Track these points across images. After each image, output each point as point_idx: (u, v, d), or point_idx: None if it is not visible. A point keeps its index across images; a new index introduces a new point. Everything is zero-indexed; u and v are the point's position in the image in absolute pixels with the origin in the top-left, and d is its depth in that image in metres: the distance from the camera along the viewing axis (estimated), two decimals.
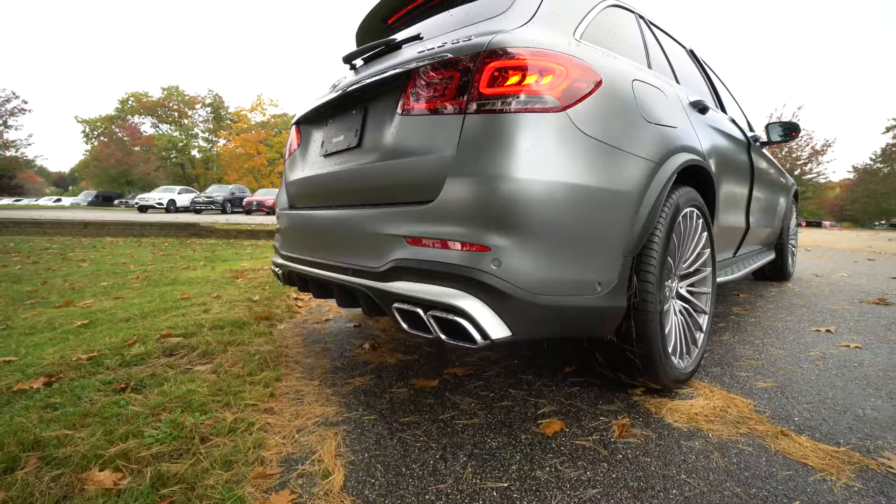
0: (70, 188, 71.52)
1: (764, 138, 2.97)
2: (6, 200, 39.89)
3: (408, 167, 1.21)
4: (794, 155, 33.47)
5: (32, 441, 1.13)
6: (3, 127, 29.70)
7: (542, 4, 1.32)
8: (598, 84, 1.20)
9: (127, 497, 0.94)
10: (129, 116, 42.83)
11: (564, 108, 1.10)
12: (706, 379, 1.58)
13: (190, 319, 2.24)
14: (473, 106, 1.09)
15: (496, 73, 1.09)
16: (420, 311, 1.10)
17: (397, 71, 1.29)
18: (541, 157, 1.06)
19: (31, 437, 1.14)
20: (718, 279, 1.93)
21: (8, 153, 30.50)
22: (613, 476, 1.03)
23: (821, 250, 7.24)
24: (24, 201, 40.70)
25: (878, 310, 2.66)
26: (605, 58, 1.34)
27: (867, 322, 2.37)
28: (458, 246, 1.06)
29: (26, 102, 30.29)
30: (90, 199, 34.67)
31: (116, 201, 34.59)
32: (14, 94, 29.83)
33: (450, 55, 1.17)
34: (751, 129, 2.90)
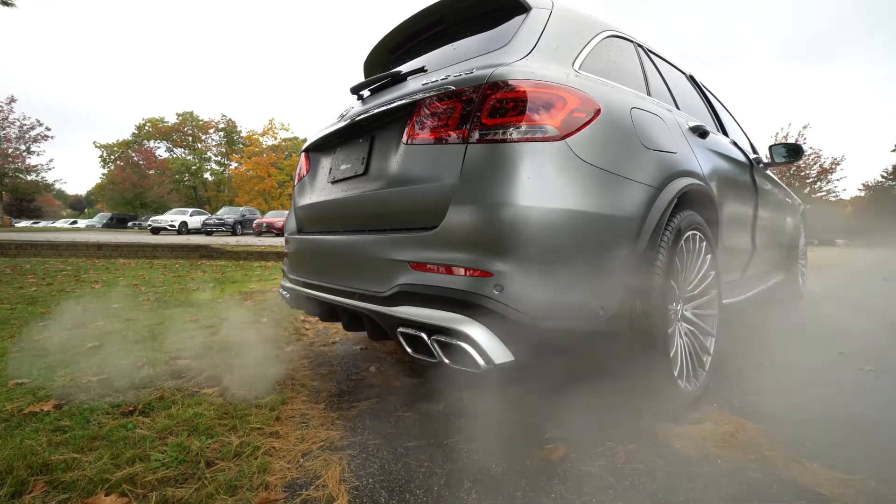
0: (86, 210, 73.35)
1: (768, 160, 2.98)
2: (25, 223, 40.95)
3: (412, 194, 1.25)
4: (802, 174, 33.27)
5: (41, 464, 1.14)
6: (26, 153, 30.74)
7: (542, 37, 1.38)
8: (597, 113, 1.24)
9: None
10: (146, 141, 44.23)
11: (564, 137, 1.14)
12: (715, 403, 1.56)
13: (198, 342, 2.27)
14: (476, 135, 1.14)
15: (497, 104, 1.14)
16: (424, 336, 1.11)
17: (403, 102, 1.34)
18: (541, 185, 1.09)
19: (40, 460, 1.15)
20: (725, 301, 1.91)
21: (29, 177, 31.47)
22: None
23: (833, 270, 7.12)
24: (42, 223, 41.77)
25: (893, 332, 2.60)
26: (604, 87, 1.38)
27: (881, 344, 2.32)
28: (462, 271, 1.08)
29: (49, 129, 31.41)
30: (105, 221, 35.47)
31: (130, 223, 35.27)
32: (38, 121, 30.96)
33: (453, 87, 1.22)
34: (754, 151, 2.92)
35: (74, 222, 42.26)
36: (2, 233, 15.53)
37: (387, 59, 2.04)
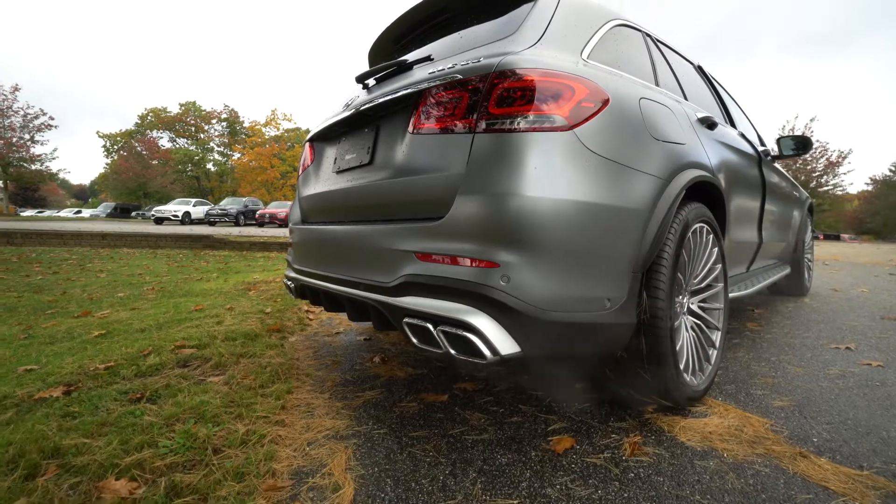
0: (90, 200, 73.65)
1: (775, 152, 2.95)
2: (30, 212, 41.17)
3: (418, 184, 1.24)
4: (809, 167, 32.89)
5: (52, 449, 1.16)
6: (30, 142, 30.81)
7: (550, 26, 1.36)
8: (606, 103, 1.22)
9: None
10: (148, 131, 44.23)
11: (572, 127, 1.12)
12: (720, 397, 1.56)
13: (203, 331, 2.28)
14: (483, 125, 1.12)
15: (505, 94, 1.12)
16: (430, 327, 1.11)
17: (409, 91, 1.32)
18: (549, 175, 1.08)
19: (51, 444, 1.17)
20: (732, 294, 1.91)
21: (34, 167, 31.59)
22: (625, 496, 1.01)
23: (839, 264, 7.07)
24: (47, 213, 41.97)
25: None
26: (612, 77, 1.36)
27: (889, 339, 2.31)
28: (468, 262, 1.07)
29: (53, 119, 31.42)
30: (109, 210, 35.59)
31: (133, 213, 35.39)
32: (42, 110, 30.95)
33: (460, 76, 1.20)
34: (762, 144, 2.89)
35: (79, 212, 42.42)
36: (7, 222, 15.62)
37: (392, 48, 2.01)
